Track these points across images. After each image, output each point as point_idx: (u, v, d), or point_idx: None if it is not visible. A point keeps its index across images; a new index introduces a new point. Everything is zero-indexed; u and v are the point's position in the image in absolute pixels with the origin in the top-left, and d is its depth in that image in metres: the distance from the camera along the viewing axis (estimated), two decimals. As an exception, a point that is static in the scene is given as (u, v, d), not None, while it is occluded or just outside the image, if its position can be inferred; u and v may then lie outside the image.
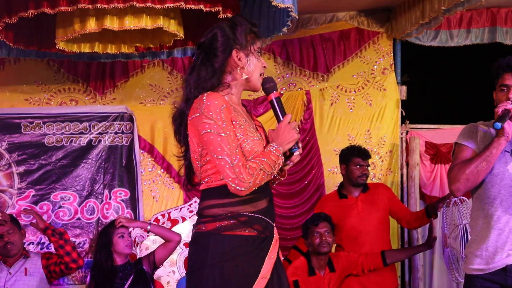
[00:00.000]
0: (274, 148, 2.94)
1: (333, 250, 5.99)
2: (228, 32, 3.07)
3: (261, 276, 2.96)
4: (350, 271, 5.41)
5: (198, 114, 2.93)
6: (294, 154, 3.06)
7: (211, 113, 2.89)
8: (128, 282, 5.26)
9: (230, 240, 2.94)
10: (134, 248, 6.03)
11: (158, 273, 5.96)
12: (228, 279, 2.93)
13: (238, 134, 2.94)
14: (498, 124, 3.43)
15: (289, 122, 2.99)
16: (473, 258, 3.60)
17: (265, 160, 2.89)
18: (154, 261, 5.38)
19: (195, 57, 3.16)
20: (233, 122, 2.94)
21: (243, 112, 3.10)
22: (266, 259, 2.98)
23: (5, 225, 5.36)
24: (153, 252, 5.44)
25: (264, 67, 3.13)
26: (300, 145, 3.05)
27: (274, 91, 3.04)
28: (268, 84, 3.05)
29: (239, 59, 3.06)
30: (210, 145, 2.90)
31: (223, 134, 2.88)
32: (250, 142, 2.95)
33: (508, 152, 3.61)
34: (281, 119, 3.02)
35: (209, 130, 2.89)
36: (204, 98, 2.94)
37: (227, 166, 2.87)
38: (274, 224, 3.07)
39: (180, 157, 3.16)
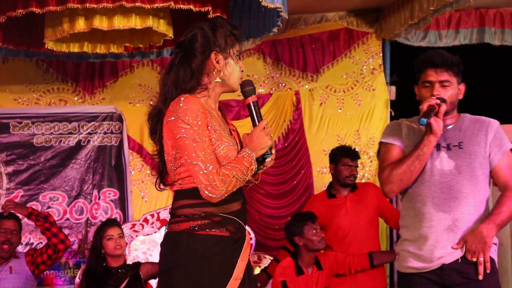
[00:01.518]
0: (247, 154, 2.93)
1: None
2: (208, 33, 3.04)
3: (234, 277, 2.96)
4: (337, 271, 5.42)
5: (174, 118, 2.91)
6: (267, 160, 3.04)
7: (187, 118, 2.88)
8: (123, 285, 5.26)
9: (203, 239, 2.92)
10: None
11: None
12: (200, 279, 2.92)
13: (213, 139, 2.93)
14: (424, 120, 3.36)
15: (264, 128, 2.98)
16: (407, 256, 3.49)
17: (238, 166, 2.89)
18: (151, 274, 5.41)
19: (173, 55, 3.12)
20: (208, 127, 2.92)
21: (219, 116, 3.08)
22: (238, 260, 2.97)
23: (12, 224, 5.36)
24: (157, 264, 5.48)
25: (242, 70, 3.11)
26: (273, 151, 3.04)
27: (252, 95, 3.02)
28: (247, 88, 3.03)
29: (217, 62, 3.03)
30: (185, 150, 2.88)
31: (198, 140, 2.87)
32: (225, 147, 2.94)
33: (435, 147, 3.52)
34: (257, 123, 3.00)
35: (184, 135, 2.87)
36: (181, 101, 2.91)
37: (201, 172, 2.86)
38: (246, 227, 3.06)
39: (154, 155, 3.14)
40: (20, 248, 6.13)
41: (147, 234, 6.04)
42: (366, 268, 5.47)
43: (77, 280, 5.87)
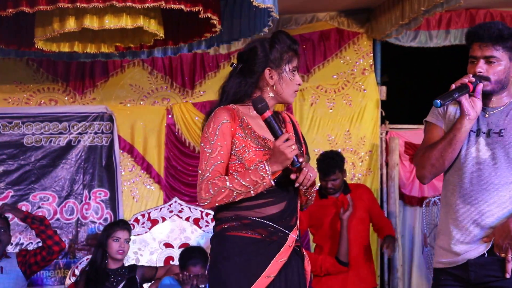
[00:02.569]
0: (261, 167, 2.99)
1: (312, 250, 6.01)
2: (266, 49, 3.17)
3: (265, 275, 3.02)
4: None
5: (205, 127, 3.12)
6: (299, 167, 3.00)
7: (209, 128, 3.07)
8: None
9: (232, 240, 3.06)
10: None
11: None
12: (226, 277, 3.04)
13: (239, 146, 3.05)
14: (437, 102, 3.07)
15: (285, 141, 2.98)
16: (438, 250, 3.31)
17: (239, 179, 2.98)
18: (147, 278, 5.44)
19: (233, 66, 3.25)
20: (236, 134, 3.06)
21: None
22: (273, 261, 3.03)
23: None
24: (153, 269, 5.50)
25: (299, 84, 3.22)
26: (300, 159, 3.01)
27: (267, 111, 3.04)
28: (259, 105, 3.05)
29: (271, 77, 3.15)
30: (200, 158, 3.09)
31: (207, 150, 3.06)
32: (251, 152, 3.05)
33: (474, 132, 3.22)
34: (278, 137, 3.01)
35: (202, 143, 3.10)
36: (214, 112, 3.11)
37: (198, 180, 3.07)
38: (290, 232, 3.08)
39: None
40: (10, 248, 6.12)
41: (138, 234, 6.03)
42: (340, 270, 5.48)
43: (67, 280, 5.86)
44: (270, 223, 3.05)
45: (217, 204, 3.02)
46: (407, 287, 6.84)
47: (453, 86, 3.13)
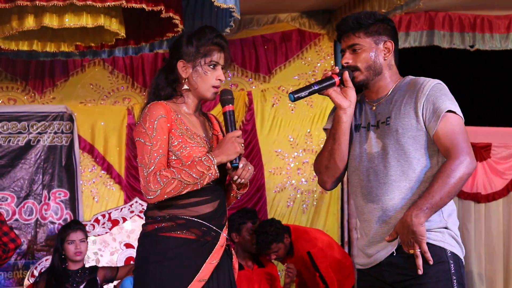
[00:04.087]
0: (206, 158, 2.97)
1: None
2: (182, 42, 3.14)
3: (197, 279, 2.99)
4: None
5: (138, 123, 3.07)
6: (236, 167, 3.04)
7: (146, 123, 3.01)
8: None
9: (166, 241, 3.00)
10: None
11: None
12: (160, 280, 2.98)
13: (175, 141, 3.01)
14: (290, 95, 3.03)
15: (237, 137, 3.02)
16: (357, 251, 3.20)
17: (186, 170, 2.94)
18: (107, 279, 5.40)
19: (164, 59, 3.26)
20: (172, 130, 3.02)
21: (196, 121, 3.16)
22: (205, 263, 3.00)
23: None
24: (114, 269, 5.47)
25: (220, 80, 3.14)
26: (241, 165, 3.04)
27: (230, 104, 3.07)
28: (224, 97, 3.09)
29: (185, 70, 3.12)
30: (138, 153, 3.02)
31: (148, 143, 2.99)
32: (188, 148, 3.02)
33: (365, 127, 3.09)
34: (229, 130, 3.05)
35: (138, 138, 3.03)
36: (147, 107, 3.07)
37: (142, 174, 2.97)
38: (221, 231, 3.08)
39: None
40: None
41: (98, 235, 6.00)
42: None
43: (26, 281, 5.80)
44: (205, 223, 3.03)
45: (165, 197, 2.94)
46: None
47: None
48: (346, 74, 3.05)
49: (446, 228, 2.96)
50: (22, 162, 6.47)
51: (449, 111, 2.92)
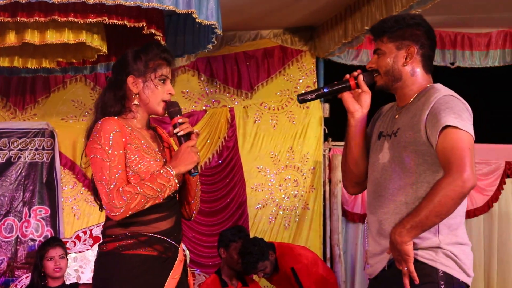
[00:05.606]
0: (165, 171, 2.97)
1: None
2: (129, 57, 3.12)
3: None
4: None
5: (91, 139, 3.02)
6: (196, 175, 3.08)
7: (100, 138, 2.97)
8: None
9: (129, 259, 2.97)
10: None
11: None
12: None
13: (132, 156, 2.99)
14: (298, 98, 3.09)
15: (192, 146, 3.02)
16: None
17: (148, 183, 2.93)
18: None
19: (107, 79, 3.22)
20: (128, 145, 2.99)
21: (148, 135, 3.15)
22: (168, 278, 3.01)
23: None
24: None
25: (170, 93, 3.14)
26: (198, 170, 3.07)
27: (178, 116, 3.07)
28: (171, 109, 3.09)
29: (135, 85, 3.10)
30: (94, 170, 3.00)
31: (106, 160, 2.95)
32: (146, 163, 2.99)
33: (385, 136, 3.01)
34: (183, 142, 3.04)
35: (94, 155, 2.98)
36: (98, 124, 3.02)
37: (104, 191, 2.93)
38: (179, 246, 3.09)
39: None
40: None
41: (79, 252, 5.96)
42: None
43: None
44: (166, 238, 3.03)
45: (130, 213, 2.90)
46: (350, 303, 6.89)
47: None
48: (361, 78, 3.02)
49: (439, 247, 2.82)
50: (3, 179, 6.42)
51: (450, 125, 2.75)
